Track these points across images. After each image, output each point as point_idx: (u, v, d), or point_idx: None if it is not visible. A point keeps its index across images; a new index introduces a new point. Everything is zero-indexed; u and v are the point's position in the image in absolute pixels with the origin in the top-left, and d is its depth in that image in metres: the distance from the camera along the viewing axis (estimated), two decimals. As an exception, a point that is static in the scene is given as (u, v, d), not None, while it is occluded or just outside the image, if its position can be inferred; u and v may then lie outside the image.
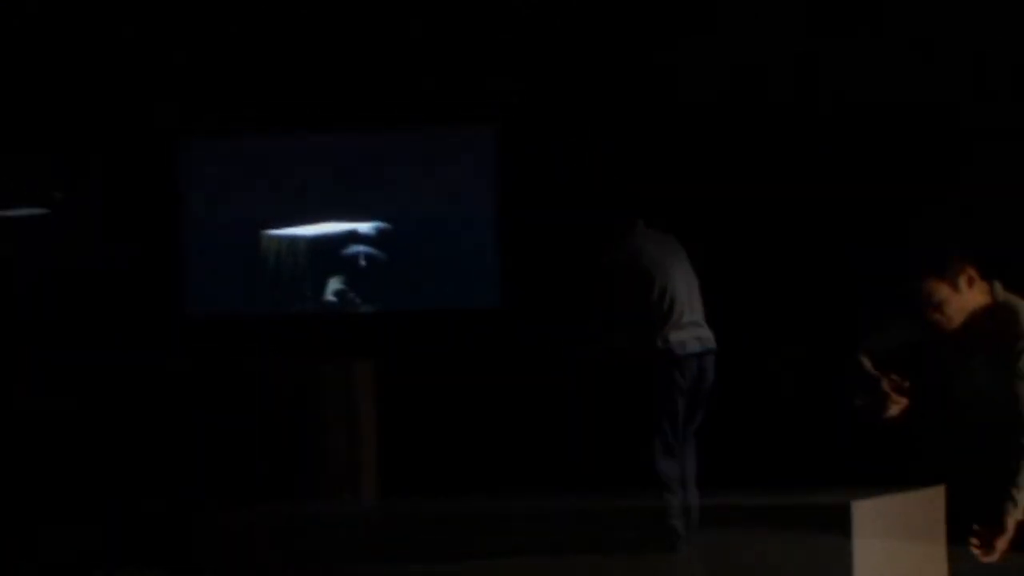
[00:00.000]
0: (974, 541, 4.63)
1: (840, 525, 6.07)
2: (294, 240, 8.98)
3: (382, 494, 8.23)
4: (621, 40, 8.89)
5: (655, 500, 6.75)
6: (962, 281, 5.04)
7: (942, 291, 5.02)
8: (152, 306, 8.84)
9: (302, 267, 9.04)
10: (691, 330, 6.78)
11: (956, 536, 5.62)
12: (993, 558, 4.67)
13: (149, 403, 8.71)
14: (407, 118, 8.88)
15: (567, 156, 8.78)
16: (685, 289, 6.83)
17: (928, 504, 6.48)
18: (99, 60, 8.85)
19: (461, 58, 8.80)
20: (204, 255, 8.90)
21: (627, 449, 8.03)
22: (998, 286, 5.17)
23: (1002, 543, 4.65)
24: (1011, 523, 4.71)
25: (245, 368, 8.56)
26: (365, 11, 8.82)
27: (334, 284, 9.11)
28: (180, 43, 8.82)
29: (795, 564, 6.60)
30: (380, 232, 9.00)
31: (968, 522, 4.82)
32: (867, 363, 5.04)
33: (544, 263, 8.75)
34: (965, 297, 5.02)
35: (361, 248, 9.05)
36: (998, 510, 4.84)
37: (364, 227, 9.04)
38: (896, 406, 4.95)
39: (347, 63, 8.84)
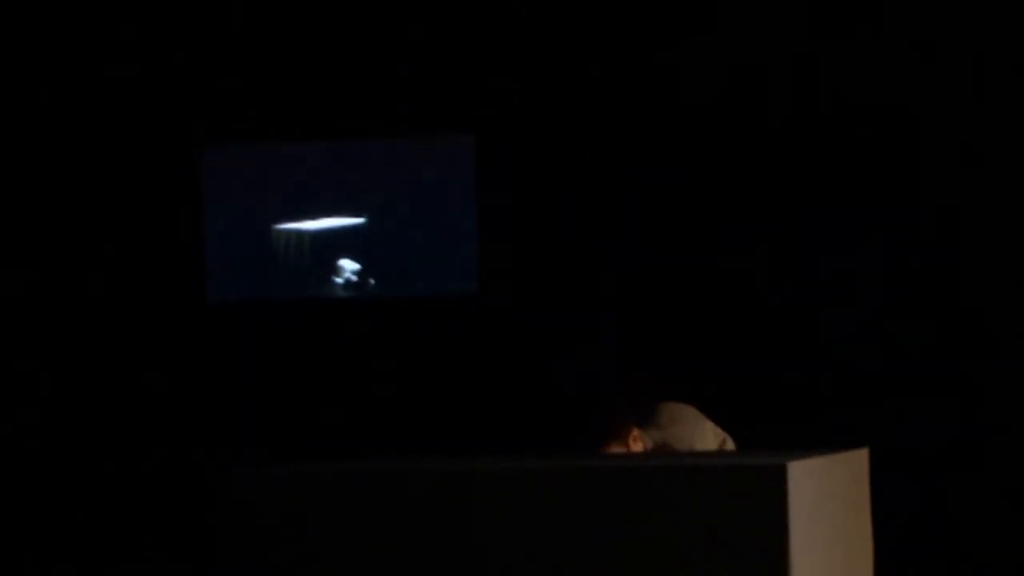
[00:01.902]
0: None
1: (774, 485, 6.72)
2: (300, 234, 9.50)
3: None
4: (599, 47, 9.14)
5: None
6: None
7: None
8: (174, 295, 9.35)
9: (306, 259, 9.55)
10: None
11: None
12: None
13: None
14: (396, 125, 9.36)
15: (548, 156, 9.19)
16: None
17: (854, 465, 7.15)
18: (137, 80, 9.39)
19: (446, 73, 9.22)
20: (222, 248, 9.47)
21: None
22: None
23: None
24: None
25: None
26: (362, 39, 9.29)
27: (334, 274, 9.59)
28: (210, 68, 9.35)
29: (730, 523, 6.94)
30: (375, 226, 9.56)
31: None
32: None
33: (522, 253, 9.19)
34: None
35: (358, 242, 9.58)
36: None
37: (362, 222, 9.57)
38: None
39: (346, 81, 9.31)
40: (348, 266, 9.60)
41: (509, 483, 5.83)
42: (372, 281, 9.62)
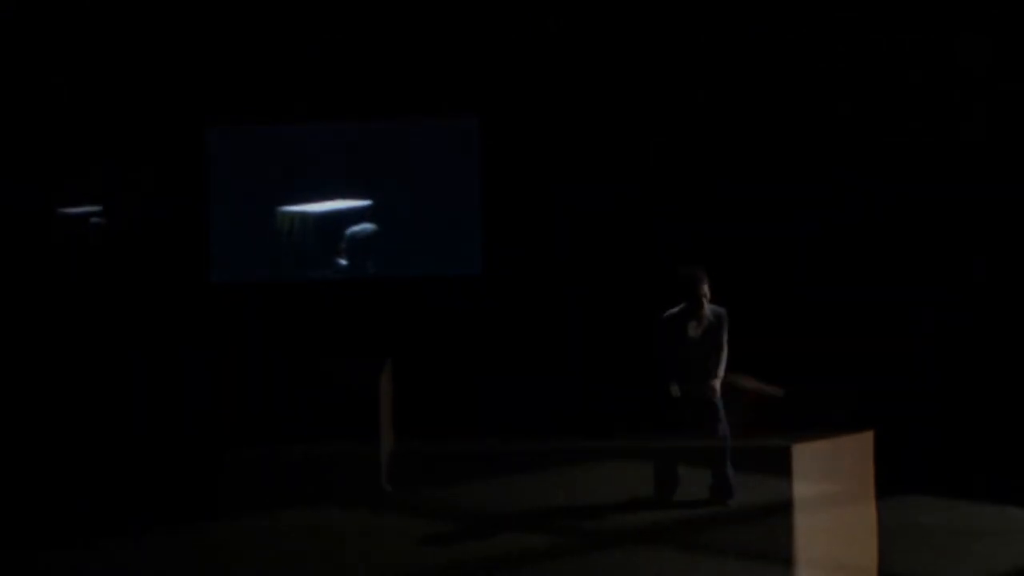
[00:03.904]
0: None
1: (780, 466, 6.82)
2: (304, 216, 9.53)
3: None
4: (601, 35, 9.27)
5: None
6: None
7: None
8: (180, 275, 9.43)
9: (310, 240, 9.58)
10: None
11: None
12: None
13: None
14: (403, 107, 9.41)
15: (546, 139, 9.34)
16: None
17: (858, 447, 7.14)
18: (138, 63, 9.44)
19: (451, 55, 9.33)
20: (226, 230, 9.53)
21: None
22: None
23: None
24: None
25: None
26: (367, 20, 9.36)
27: (338, 255, 9.65)
28: (211, 49, 9.38)
29: (740, 500, 7.14)
30: (379, 208, 9.61)
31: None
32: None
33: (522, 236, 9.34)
34: None
35: (363, 223, 9.60)
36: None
37: (365, 204, 9.60)
38: None
39: (351, 62, 9.37)
40: (349, 247, 9.60)
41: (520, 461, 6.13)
42: (371, 264, 9.64)
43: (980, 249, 8.99)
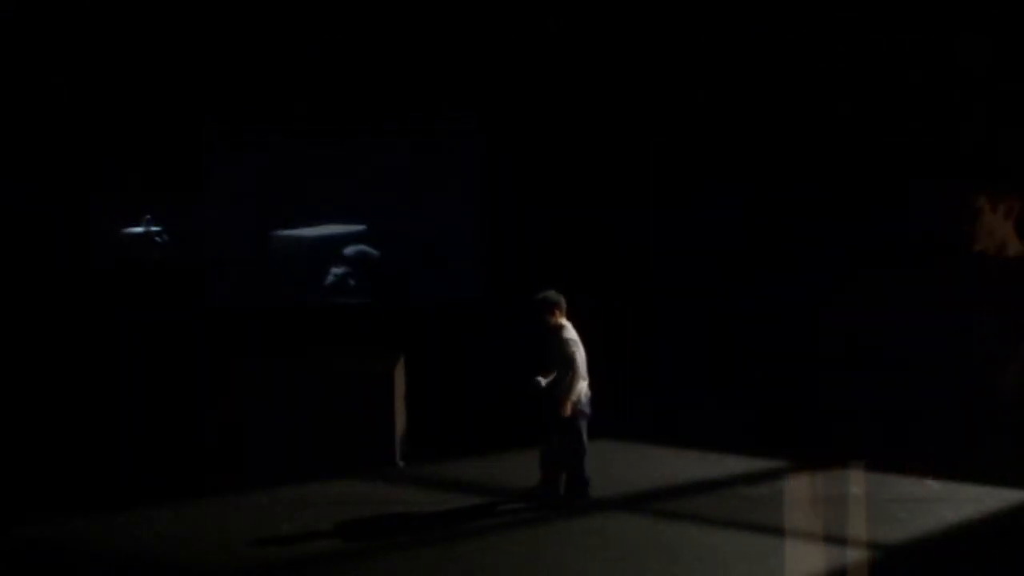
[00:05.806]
0: None
1: (774, 493, 7.33)
2: (299, 240, 9.55)
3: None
4: (595, 59, 9.36)
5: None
6: (1000, 203, 3.55)
7: (978, 200, 3.66)
8: (179, 295, 9.48)
9: (306, 263, 9.59)
10: None
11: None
12: None
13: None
14: (402, 132, 9.49)
15: (542, 165, 9.41)
16: None
17: (847, 479, 7.50)
18: (139, 87, 9.56)
19: (449, 82, 9.41)
20: (222, 252, 9.59)
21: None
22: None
23: None
24: None
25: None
26: (367, 44, 9.40)
27: (334, 279, 9.69)
28: (208, 75, 9.46)
29: (736, 522, 7.30)
30: (375, 233, 9.64)
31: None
32: None
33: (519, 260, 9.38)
34: (998, 220, 3.53)
35: (358, 247, 9.64)
36: None
37: (361, 228, 9.62)
38: None
39: (349, 86, 9.39)
40: (338, 271, 9.64)
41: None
42: (352, 282, 9.62)
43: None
